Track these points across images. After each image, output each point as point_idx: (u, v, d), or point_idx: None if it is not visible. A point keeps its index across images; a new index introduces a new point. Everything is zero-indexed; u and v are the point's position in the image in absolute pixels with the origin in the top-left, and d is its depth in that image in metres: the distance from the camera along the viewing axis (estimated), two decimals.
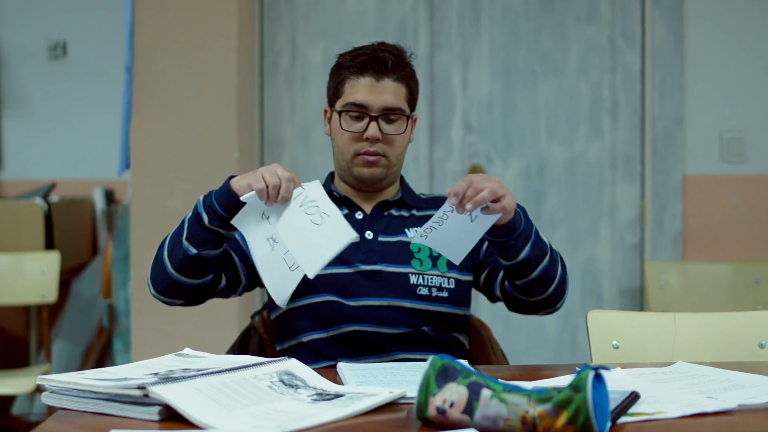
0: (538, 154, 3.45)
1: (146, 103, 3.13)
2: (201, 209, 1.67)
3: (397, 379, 1.41)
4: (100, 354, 3.77)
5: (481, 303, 3.15)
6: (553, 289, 1.76)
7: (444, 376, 1.16)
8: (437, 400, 1.14)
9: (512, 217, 1.63)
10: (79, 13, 4.08)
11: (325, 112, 1.92)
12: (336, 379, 1.43)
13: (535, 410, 1.08)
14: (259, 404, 1.21)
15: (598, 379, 1.10)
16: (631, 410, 1.21)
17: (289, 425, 1.12)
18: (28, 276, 3.33)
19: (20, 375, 3.29)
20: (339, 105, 1.86)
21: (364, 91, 1.83)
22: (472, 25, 3.44)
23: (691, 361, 1.54)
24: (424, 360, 1.22)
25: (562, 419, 1.06)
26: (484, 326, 2.02)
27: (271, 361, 1.38)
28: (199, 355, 1.48)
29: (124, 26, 3.16)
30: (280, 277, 1.63)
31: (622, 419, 1.18)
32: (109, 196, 4.01)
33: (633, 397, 1.23)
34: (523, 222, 1.67)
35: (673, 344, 1.74)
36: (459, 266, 1.82)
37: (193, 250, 1.67)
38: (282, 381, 1.31)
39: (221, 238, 1.68)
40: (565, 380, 1.34)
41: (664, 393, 1.31)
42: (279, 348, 1.89)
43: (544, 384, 1.23)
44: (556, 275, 1.75)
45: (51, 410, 2.40)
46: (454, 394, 1.13)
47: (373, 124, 1.82)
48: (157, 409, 1.18)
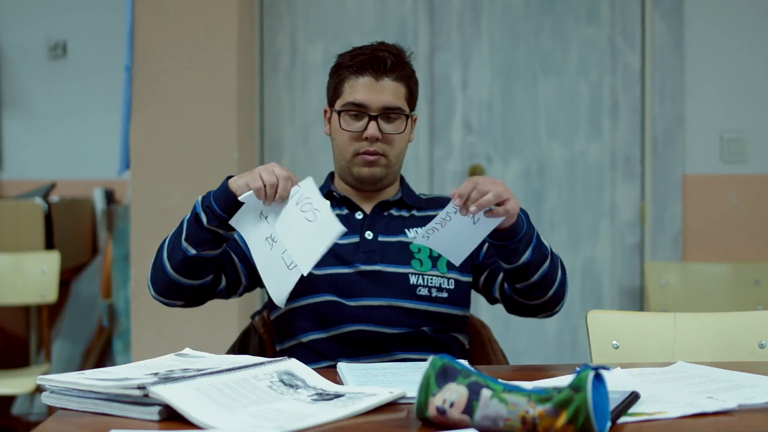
0: (538, 154, 3.45)
1: (146, 103, 3.13)
2: (199, 210, 1.67)
3: (397, 379, 1.41)
4: (100, 354, 3.76)
5: (481, 303, 3.15)
6: (553, 293, 1.77)
7: (444, 376, 1.16)
8: (437, 400, 1.14)
9: (515, 221, 1.63)
10: (79, 13, 4.08)
11: (325, 112, 1.92)
12: (336, 379, 1.43)
13: (535, 410, 1.08)
14: (259, 404, 1.21)
15: (598, 379, 1.10)
16: (631, 410, 1.21)
17: (289, 425, 1.12)
18: (28, 276, 3.33)
19: (20, 375, 3.29)
20: (338, 105, 1.86)
21: (364, 90, 1.83)
22: (472, 25, 3.44)
23: (691, 361, 1.54)
24: (424, 360, 1.22)
25: (562, 419, 1.06)
26: (484, 326, 2.02)
27: (271, 361, 1.38)
28: (199, 355, 1.48)
29: (124, 26, 3.16)
30: (279, 277, 1.63)
31: (622, 419, 1.18)
32: (109, 196, 4.00)
33: (633, 397, 1.23)
34: (525, 226, 1.67)
35: (673, 344, 1.74)
36: (459, 267, 1.82)
37: (193, 251, 1.67)
38: (282, 381, 1.31)
39: (220, 238, 1.68)
40: (565, 380, 1.34)
41: (664, 393, 1.31)
42: (279, 348, 1.88)
43: (544, 384, 1.22)
44: (556, 279, 1.76)
45: (51, 410, 2.40)
46: (454, 394, 1.13)
47: (373, 123, 1.82)
48: (157, 409, 1.18)
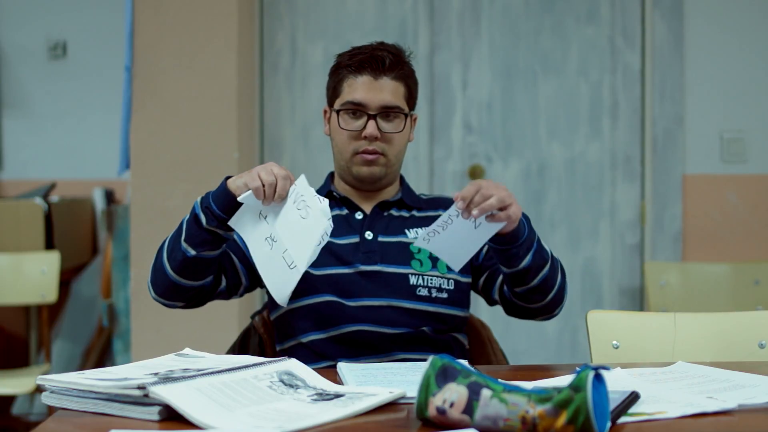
0: (538, 154, 3.45)
1: (146, 103, 3.13)
2: (198, 211, 1.67)
3: (397, 379, 1.41)
4: (100, 354, 3.76)
5: (481, 303, 3.13)
6: (552, 297, 1.77)
7: (444, 376, 1.15)
8: (437, 400, 1.14)
9: (516, 226, 1.63)
10: (79, 13, 4.08)
11: (325, 112, 1.92)
12: (336, 379, 1.43)
13: (535, 410, 1.08)
14: (259, 404, 1.21)
15: (598, 379, 1.10)
16: (631, 410, 1.21)
17: (289, 425, 1.12)
18: (28, 276, 3.33)
19: (20, 375, 3.29)
20: (337, 104, 1.86)
21: (362, 89, 1.82)
22: (472, 25, 3.44)
23: (691, 361, 1.54)
24: (424, 360, 1.22)
25: (562, 419, 1.06)
26: (484, 326, 2.02)
27: (271, 361, 1.38)
28: (199, 355, 1.48)
29: (124, 26, 3.16)
30: (280, 276, 1.63)
31: (622, 419, 1.18)
32: (109, 196, 4.00)
33: (633, 397, 1.23)
34: (527, 231, 1.67)
35: (673, 344, 1.74)
36: None
37: (192, 252, 1.67)
38: (282, 381, 1.31)
39: (220, 238, 1.68)
40: (565, 380, 1.34)
41: (664, 393, 1.31)
42: (279, 348, 1.88)
43: (544, 384, 1.22)
44: (556, 283, 1.76)
45: (51, 410, 2.40)
46: (454, 394, 1.13)
47: (371, 122, 1.82)
48: (157, 409, 1.18)
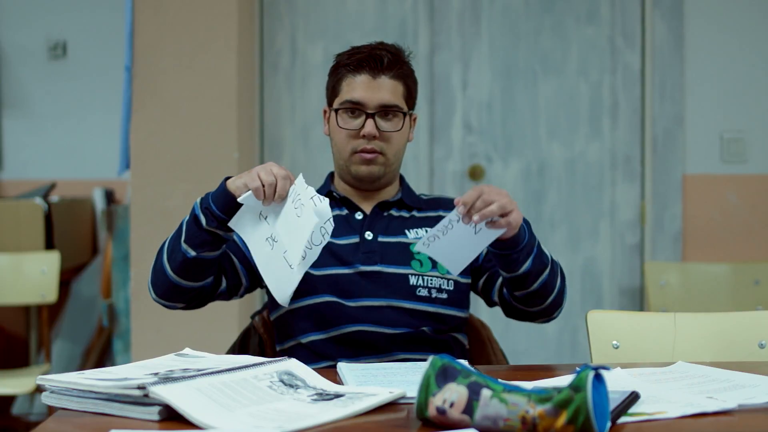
0: (538, 154, 3.45)
1: (146, 103, 3.13)
2: (198, 211, 1.67)
3: (397, 379, 1.41)
4: (100, 354, 3.76)
5: (481, 303, 3.14)
6: (551, 301, 1.77)
7: (444, 376, 1.15)
8: (437, 400, 1.14)
9: (516, 232, 1.63)
10: (79, 13, 4.08)
11: (325, 112, 1.92)
12: (336, 379, 1.43)
13: (535, 410, 1.08)
14: (259, 404, 1.21)
15: (598, 379, 1.10)
16: (631, 410, 1.21)
17: (289, 425, 1.12)
18: (28, 276, 3.33)
19: (20, 375, 3.29)
20: (336, 103, 1.86)
21: (361, 88, 1.82)
22: (472, 25, 3.44)
23: (691, 361, 1.54)
24: (424, 360, 1.22)
25: (562, 419, 1.06)
26: (484, 326, 2.02)
27: (271, 361, 1.38)
28: (199, 355, 1.48)
29: (124, 26, 3.16)
30: (282, 277, 1.62)
31: (622, 419, 1.18)
32: (109, 196, 4.00)
33: (633, 397, 1.23)
34: (527, 236, 1.67)
35: (673, 344, 1.74)
36: None
37: (192, 253, 1.67)
38: (282, 381, 1.31)
39: (220, 239, 1.68)
40: (565, 380, 1.34)
41: (664, 393, 1.31)
42: (279, 348, 1.88)
43: (544, 384, 1.22)
44: (555, 287, 1.76)
45: (51, 410, 2.40)
46: (454, 394, 1.13)
47: (370, 121, 1.82)
48: (157, 409, 1.18)
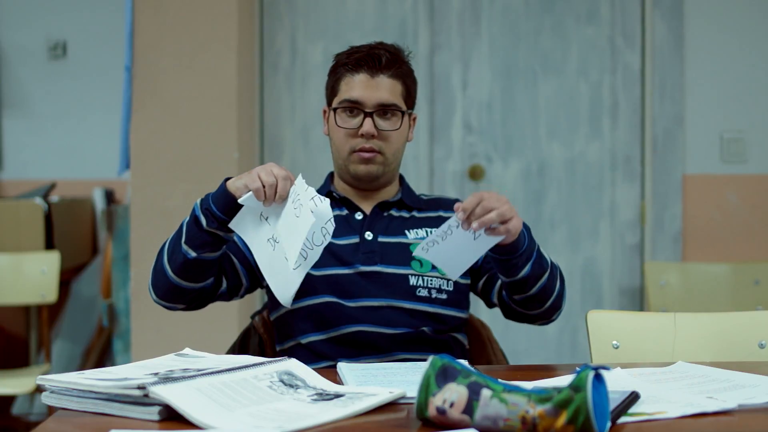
0: (538, 154, 3.45)
1: (146, 103, 3.13)
2: (198, 212, 1.66)
3: (397, 379, 1.41)
4: (100, 354, 3.76)
5: (481, 303, 3.14)
6: (550, 304, 1.78)
7: (444, 376, 1.15)
8: (437, 400, 1.14)
9: (516, 237, 1.63)
10: (79, 13, 4.08)
11: (324, 112, 1.92)
12: (336, 379, 1.43)
13: (535, 410, 1.08)
14: (259, 404, 1.21)
15: (598, 379, 1.10)
16: (631, 410, 1.21)
17: (289, 425, 1.12)
18: (28, 276, 3.33)
19: (20, 375, 3.29)
20: (335, 102, 1.86)
21: (359, 87, 1.83)
22: (472, 25, 3.44)
23: (691, 361, 1.54)
24: (424, 360, 1.22)
25: (562, 419, 1.06)
26: (484, 326, 2.02)
27: (271, 361, 1.38)
28: (199, 355, 1.48)
29: (124, 26, 3.16)
30: (283, 277, 1.62)
31: (622, 419, 1.18)
32: (109, 196, 4.00)
33: (633, 397, 1.23)
34: (527, 241, 1.67)
35: (673, 344, 1.74)
36: None
37: (193, 254, 1.67)
38: (282, 381, 1.31)
39: (220, 240, 1.68)
40: (565, 380, 1.34)
41: (664, 393, 1.31)
42: (279, 348, 1.88)
43: (544, 384, 1.22)
44: (554, 291, 1.76)
45: (51, 410, 2.40)
46: (454, 394, 1.13)
47: (368, 120, 1.82)
48: (157, 409, 1.18)
